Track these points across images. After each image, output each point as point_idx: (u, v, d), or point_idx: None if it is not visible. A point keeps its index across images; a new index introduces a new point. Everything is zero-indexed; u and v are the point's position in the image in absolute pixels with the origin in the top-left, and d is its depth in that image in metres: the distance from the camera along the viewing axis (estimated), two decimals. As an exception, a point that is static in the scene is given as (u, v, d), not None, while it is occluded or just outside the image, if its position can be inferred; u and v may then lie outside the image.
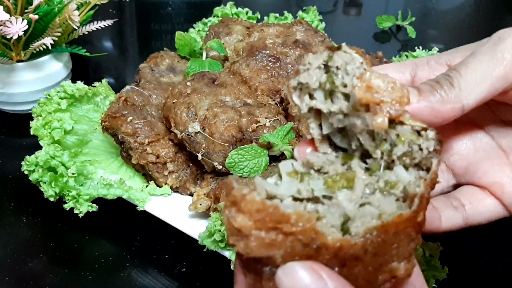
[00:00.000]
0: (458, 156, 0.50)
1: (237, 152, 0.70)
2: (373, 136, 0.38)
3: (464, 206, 0.47)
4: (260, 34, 0.89)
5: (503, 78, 0.42)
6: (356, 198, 0.35)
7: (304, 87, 0.40)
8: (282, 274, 0.32)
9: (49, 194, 0.69)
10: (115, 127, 0.75)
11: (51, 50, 0.90)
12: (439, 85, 0.42)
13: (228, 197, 0.32)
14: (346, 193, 0.35)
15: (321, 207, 0.35)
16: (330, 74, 0.38)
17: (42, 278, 0.67)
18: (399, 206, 0.35)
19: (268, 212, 0.31)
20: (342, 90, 0.38)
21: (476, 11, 1.56)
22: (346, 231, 0.33)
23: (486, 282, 0.69)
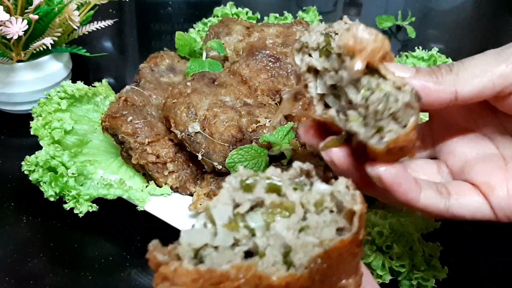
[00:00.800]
0: (459, 157, 0.51)
1: (237, 152, 0.70)
2: (358, 88, 0.42)
3: (450, 195, 0.47)
4: (260, 34, 0.89)
5: (503, 77, 0.42)
6: (293, 224, 0.34)
7: (304, 46, 0.45)
8: None
9: (49, 194, 0.69)
10: (115, 127, 0.75)
11: (51, 50, 0.90)
12: (438, 69, 0.43)
13: (157, 274, 0.30)
14: (283, 222, 0.34)
15: (260, 241, 0.33)
16: (328, 37, 0.43)
17: (42, 278, 0.67)
18: (336, 222, 0.34)
19: (206, 278, 0.30)
20: (336, 51, 0.42)
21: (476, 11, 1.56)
22: (290, 264, 0.32)
23: (486, 282, 0.69)
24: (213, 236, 0.33)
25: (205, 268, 0.30)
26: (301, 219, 0.34)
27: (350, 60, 0.41)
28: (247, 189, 0.35)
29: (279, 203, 0.34)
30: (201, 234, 0.33)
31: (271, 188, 0.35)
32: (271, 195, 0.35)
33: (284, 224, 0.33)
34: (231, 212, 0.34)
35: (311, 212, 0.34)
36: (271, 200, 0.34)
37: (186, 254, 0.32)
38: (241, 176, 0.36)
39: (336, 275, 0.33)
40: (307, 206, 0.35)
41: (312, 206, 0.35)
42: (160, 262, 0.31)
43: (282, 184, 0.35)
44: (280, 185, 0.35)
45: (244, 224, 0.34)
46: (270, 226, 0.33)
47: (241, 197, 0.35)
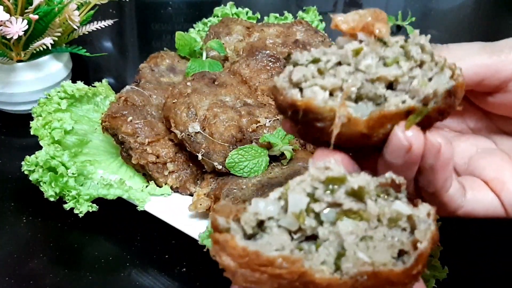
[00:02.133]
0: (461, 154, 0.50)
1: (237, 152, 0.70)
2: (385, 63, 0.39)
3: (465, 190, 0.45)
4: (260, 34, 0.89)
5: (486, 66, 0.43)
6: (359, 231, 0.33)
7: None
8: None
9: (49, 194, 0.69)
10: (115, 127, 0.75)
11: (51, 50, 0.90)
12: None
13: (212, 234, 0.32)
14: (351, 224, 0.33)
15: (322, 232, 0.33)
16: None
17: (42, 278, 0.67)
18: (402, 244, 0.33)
19: (251, 258, 0.31)
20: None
21: (476, 11, 1.56)
22: (338, 268, 0.32)
23: (486, 282, 0.69)
24: (282, 212, 0.33)
25: (253, 249, 0.31)
26: (369, 229, 0.33)
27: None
28: (330, 188, 0.34)
29: (356, 210, 0.34)
30: (270, 207, 0.33)
31: (353, 193, 0.34)
32: (351, 201, 0.34)
33: (350, 226, 0.33)
34: (306, 205, 0.34)
35: (383, 225, 0.34)
36: (350, 206, 0.34)
37: (248, 223, 0.32)
38: (329, 172, 0.35)
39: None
40: (381, 218, 0.34)
41: (386, 219, 0.34)
42: (218, 226, 0.32)
43: (367, 193, 0.34)
44: (365, 193, 0.34)
45: (314, 215, 0.34)
46: (337, 222, 0.33)
47: (321, 195, 0.34)
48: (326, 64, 0.37)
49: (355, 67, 0.37)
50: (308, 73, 0.37)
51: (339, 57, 0.38)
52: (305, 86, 0.37)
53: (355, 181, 0.34)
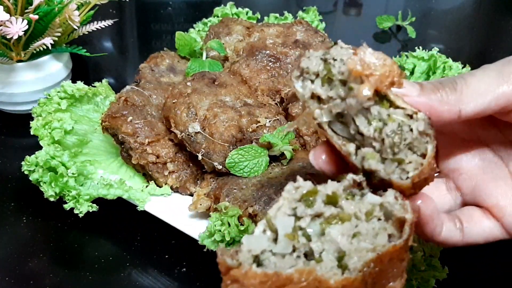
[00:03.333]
0: (467, 176, 0.51)
1: (237, 152, 0.70)
2: (368, 119, 0.41)
3: (463, 225, 0.48)
4: (260, 34, 0.89)
5: (506, 96, 0.43)
6: (347, 231, 0.36)
7: (305, 72, 0.43)
8: None
9: (49, 194, 0.69)
10: (115, 127, 0.75)
11: (51, 50, 0.90)
12: (442, 86, 0.43)
13: (226, 276, 0.33)
14: (338, 228, 0.36)
15: (315, 245, 0.36)
16: (328, 64, 0.41)
17: (42, 278, 0.67)
18: (385, 229, 0.37)
19: (273, 281, 0.32)
20: (339, 78, 0.41)
21: (476, 11, 1.56)
22: (345, 268, 0.34)
23: (486, 282, 0.69)
24: (271, 242, 0.36)
25: (272, 271, 0.32)
26: (354, 227, 0.36)
27: (358, 87, 0.39)
28: (307, 202, 0.37)
29: (336, 215, 0.37)
30: (260, 241, 0.35)
31: (328, 200, 0.38)
32: (330, 208, 0.37)
33: (338, 230, 0.36)
34: (293, 223, 0.36)
35: (362, 220, 0.37)
36: (330, 213, 0.37)
37: (246, 260, 0.34)
38: (302, 189, 0.38)
39: (385, 278, 0.36)
40: (358, 214, 0.37)
41: (363, 215, 0.37)
42: (230, 266, 0.33)
43: (339, 196, 0.38)
44: (338, 197, 0.38)
45: (303, 232, 0.36)
46: (325, 232, 0.36)
47: (302, 211, 0.37)
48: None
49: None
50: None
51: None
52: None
53: (326, 189, 0.38)
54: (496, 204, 0.48)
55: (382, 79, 0.39)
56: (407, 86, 0.42)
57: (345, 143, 0.42)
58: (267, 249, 0.35)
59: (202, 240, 0.64)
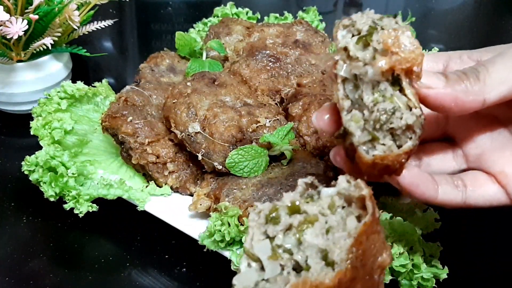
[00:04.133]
0: (475, 144, 0.53)
1: (237, 152, 0.70)
2: (373, 91, 0.43)
3: (466, 187, 0.50)
4: (260, 34, 0.89)
5: None
6: (319, 230, 0.38)
7: (351, 25, 0.45)
8: None
9: (49, 194, 0.69)
10: (115, 127, 0.75)
11: (51, 50, 0.90)
12: (466, 76, 0.45)
13: None
14: (310, 232, 0.38)
15: (298, 256, 0.37)
16: (373, 28, 0.43)
17: (42, 278, 0.67)
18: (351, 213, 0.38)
19: None
20: (374, 45, 0.42)
21: (476, 11, 1.56)
22: (333, 264, 0.35)
23: (486, 282, 0.69)
24: (260, 272, 0.37)
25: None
26: (324, 224, 0.38)
27: (379, 57, 0.41)
28: (274, 221, 0.39)
29: (304, 220, 0.38)
30: (250, 275, 0.37)
31: (291, 211, 0.39)
32: (295, 217, 0.38)
33: (312, 233, 0.37)
34: (270, 244, 0.38)
35: (328, 215, 0.38)
36: (298, 221, 0.38)
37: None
38: (264, 212, 0.39)
39: (371, 255, 0.37)
40: (323, 211, 0.38)
41: (327, 210, 0.38)
42: None
43: (299, 203, 0.39)
44: (298, 205, 0.39)
45: (282, 249, 0.37)
46: (301, 240, 0.37)
47: (272, 230, 0.38)
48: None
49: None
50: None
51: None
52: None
53: (284, 202, 0.39)
54: (501, 171, 0.50)
55: (402, 61, 0.41)
56: (433, 78, 0.44)
57: (344, 99, 0.44)
58: (259, 279, 0.36)
59: (202, 240, 0.64)
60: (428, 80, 0.44)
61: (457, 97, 0.44)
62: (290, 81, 0.82)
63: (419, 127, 0.43)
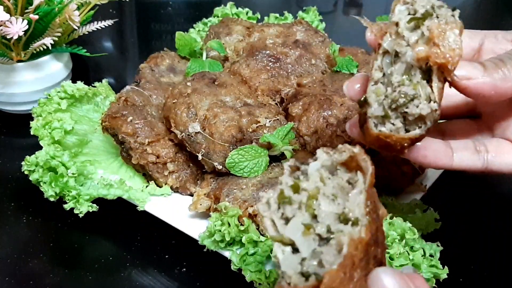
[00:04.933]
0: (502, 117, 0.53)
1: (237, 152, 0.70)
2: (404, 72, 0.44)
3: (488, 153, 0.51)
4: (260, 34, 0.89)
5: None
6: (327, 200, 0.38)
7: (411, 4, 0.45)
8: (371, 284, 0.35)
9: (49, 194, 0.69)
10: (115, 127, 0.75)
11: (51, 50, 0.90)
12: (503, 63, 0.46)
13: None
14: (322, 205, 0.38)
15: (321, 231, 0.37)
16: (429, 13, 0.44)
17: (42, 278, 0.67)
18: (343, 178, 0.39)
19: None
20: (424, 30, 0.44)
21: (476, 11, 1.56)
22: (357, 222, 0.36)
23: (486, 282, 0.69)
24: (293, 254, 0.37)
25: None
26: (326, 194, 0.38)
27: (421, 43, 0.43)
28: (287, 201, 0.39)
29: (309, 196, 0.38)
30: (290, 259, 0.36)
31: (294, 190, 0.39)
32: (301, 194, 0.39)
33: (323, 204, 0.38)
34: (300, 223, 0.38)
35: (324, 187, 0.38)
36: (305, 197, 0.38)
37: (298, 281, 0.35)
38: (273, 198, 0.39)
39: (377, 207, 0.38)
40: (318, 185, 0.38)
41: (320, 183, 0.38)
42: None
43: (297, 181, 0.39)
44: (298, 184, 0.39)
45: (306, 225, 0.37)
46: (316, 213, 0.37)
47: (290, 210, 0.38)
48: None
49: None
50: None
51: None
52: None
53: (286, 184, 0.39)
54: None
55: (439, 55, 0.42)
56: (470, 68, 0.45)
57: (377, 70, 0.46)
58: (299, 261, 0.36)
59: (202, 240, 0.64)
60: (466, 71, 0.45)
61: (496, 85, 0.45)
62: (290, 81, 0.82)
63: (431, 121, 0.44)
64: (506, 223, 0.78)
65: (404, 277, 0.35)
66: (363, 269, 0.35)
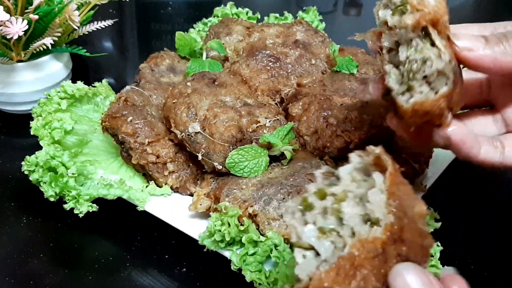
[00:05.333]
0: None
1: (237, 152, 0.70)
2: (408, 48, 0.47)
3: (504, 148, 0.52)
4: (260, 34, 0.89)
5: None
6: (354, 202, 0.39)
7: (388, 2, 0.49)
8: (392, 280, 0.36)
9: (49, 194, 0.69)
10: (115, 127, 0.75)
11: (51, 50, 0.90)
12: (506, 38, 0.47)
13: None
14: (346, 205, 0.39)
15: (344, 232, 0.38)
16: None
17: (42, 278, 0.67)
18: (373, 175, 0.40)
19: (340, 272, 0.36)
20: (408, 10, 0.46)
21: (476, 11, 1.56)
22: (378, 222, 0.37)
23: (486, 282, 0.69)
24: (316, 257, 0.39)
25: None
26: (354, 197, 0.40)
27: (407, 16, 0.46)
28: (308, 207, 0.41)
29: (335, 200, 0.40)
30: (308, 263, 0.38)
31: (320, 196, 0.41)
32: (327, 199, 0.40)
33: (348, 206, 0.39)
34: (314, 227, 0.40)
35: (354, 190, 0.40)
36: (331, 202, 0.40)
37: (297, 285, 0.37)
38: (295, 207, 0.41)
39: (408, 206, 0.39)
40: (348, 188, 0.40)
41: (351, 185, 0.40)
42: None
43: (324, 188, 0.41)
44: (324, 190, 0.41)
45: (328, 230, 0.39)
46: (341, 216, 0.39)
47: (310, 216, 0.40)
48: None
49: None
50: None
51: None
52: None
53: (310, 191, 0.41)
54: None
55: (426, 14, 0.44)
56: (473, 40, 0.47)
57: (387, 64, 0.49)
58: (318, 263, 0.38)
59: (202, 240, 0.64)
60: (468, 43, 0.47)
61: (495, 58, 0.46)
62: (290, 81, 0.82)
63: (451, 71, 0.45)
64: (506, 223, 0.78)
65: (429, 276, 0.36)
66: (376, 267, 0.36)
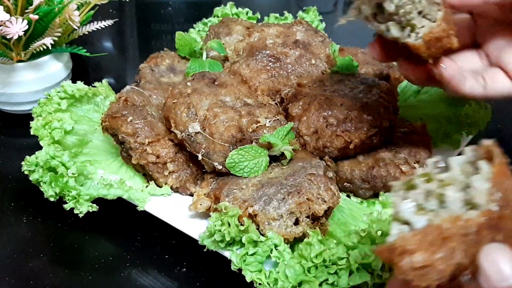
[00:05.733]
0: (496, 46, 0.61)
1: (237, 152, 0.70)
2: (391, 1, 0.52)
3: (485, 81, 0.59)
4: (260, 34, 0.89)
5: None
6: (458, 188, 0.41)
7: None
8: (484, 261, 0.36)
9: (49, 194, 0.69)
10: (115, 127, 0.75)
11: (51, 50, 0.90)
12: None
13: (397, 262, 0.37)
14: (451, 189, 0.41)
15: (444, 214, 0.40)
16: None
17: (42, 278, 0.67)
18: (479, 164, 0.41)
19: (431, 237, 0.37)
20: None
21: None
22: (477, 207, 0.38)
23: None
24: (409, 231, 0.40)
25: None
26: (460, 184, 0.41)
27: None
28: (411, 187, 0.42)
29: (441, 184, 0.41)
30: (401, 234, 0.39)
31: (426, 180, 0.42)
32: (433, 183, 0.42)
33: (453, 190, 0.40)
34: (412, 203, 0.41)
35: (462, 179, 0.41)
36: (436, 186, 0.41)
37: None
38: (400, 186, 0.43)
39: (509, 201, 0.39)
40: (456, 177, 0.41)
41: (460, 175, 0.41)
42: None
43: (432, 174, 0.43)
44: (430, 174, 0.42)
45: (427, 209, 0.41)
46: (443, 200, 0.40)
47: (412, 195, 0.42)
48: None
49: None
50: None
51: None
52: None
53: (416, 173, 0.43)
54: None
55: None
56: None
57: (380, 25, 0.54)
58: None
59: (202, 240, 0.64)
60: None
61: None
62: (290, 81, 0.82)
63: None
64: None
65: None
66: (467, 244, 0.37)
